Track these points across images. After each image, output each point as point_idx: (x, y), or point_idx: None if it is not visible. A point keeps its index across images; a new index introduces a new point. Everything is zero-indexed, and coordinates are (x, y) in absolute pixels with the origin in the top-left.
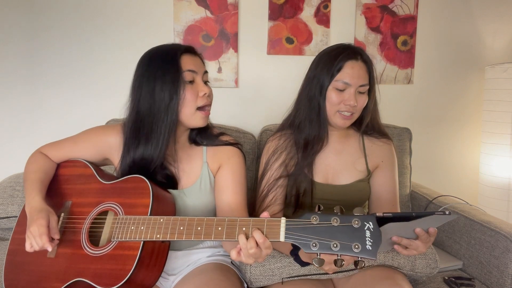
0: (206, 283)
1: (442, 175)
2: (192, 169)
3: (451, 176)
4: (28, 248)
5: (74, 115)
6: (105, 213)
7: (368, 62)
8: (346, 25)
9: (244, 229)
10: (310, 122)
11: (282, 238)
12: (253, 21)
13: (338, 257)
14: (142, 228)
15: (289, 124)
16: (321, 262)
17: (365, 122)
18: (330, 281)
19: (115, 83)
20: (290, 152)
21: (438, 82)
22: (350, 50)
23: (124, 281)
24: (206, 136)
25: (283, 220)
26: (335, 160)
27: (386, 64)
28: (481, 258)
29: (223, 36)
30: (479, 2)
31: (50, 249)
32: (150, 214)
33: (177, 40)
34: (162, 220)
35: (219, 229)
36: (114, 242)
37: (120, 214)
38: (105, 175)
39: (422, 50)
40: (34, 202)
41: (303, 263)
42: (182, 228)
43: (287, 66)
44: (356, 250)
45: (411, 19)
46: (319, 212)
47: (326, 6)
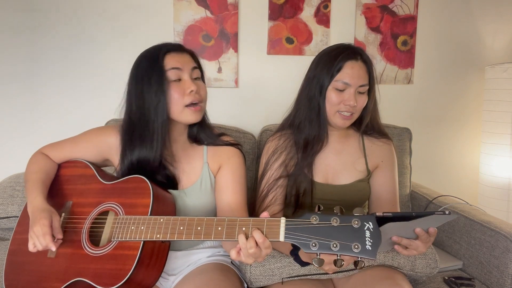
0: (206, 283)
1: (442, 175)
2: (192, 169)
3: (451, 176)
4: (31, 248)
5: (74, 115)
6: (105, 213)
7: (368, 62)
8: (346, 25)
9: (244, 229)
10: (310, 122)
11: (281, 238)
12: (253, 21)
13: (338, 257)
14: (142, 228)
15: (289, 124)
16: (320, 262)
17: (365, 122)
18: (330, 281)
19: (115, 83)
20: (290, 152)
21: (438, 82)
22: (350, 50)
23: (124, 281)
24: (207, 134)
25: (283, 220)
26: (335, 160)
27: (386, 64)
28: (481, 258)
29: (223, 36)
30: (479, 2)
31: (53, 248)
32: (150, 214)
33: (177, 40)
34: (162, 220)
35: (219, 229)
36: (114, 242)
37: (120, 214)
38: (105, 176)
39: (422, 50)
40: (36, 202)
41: (303, 263)
42: (182, 228)
43: (287, 66)
44: (355, 250)
45: (411, 19)
46: (319, 212)
47: (326, 6)
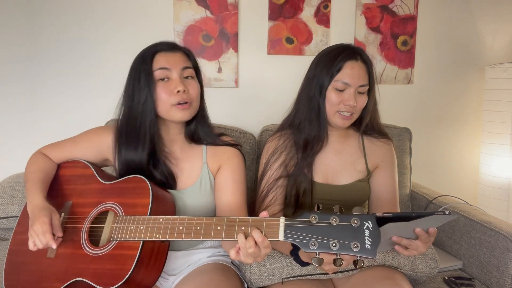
0: (206, 283)
1: (442, 175)
2: (191, 169)
3: (451, 176)
4: (31, 246)
5: (74, 115)
6: (105, 213)
7: (367, 62)
8: (346, 25)
9: (243, 228)
10: (310, 122)
11: (281, 238)
12: (253, 21)
13: (337, 256)
14: (142, 228)
15: (288, 124)
16: (320, 262)
17: (364, 122)
18: (330, 281)
19: (115, 83)
20: (290, 152)
21: (438, 82)
22: (350, 50)
23: (123, 281)
24: (206, 132)
25: (282, 219)
26: (335, 160)
27: (386, 64)
28: (481, 258)
29: (223, 36)
30: (479, 2)
31: (54, 246)
32: (150, 214)
33: (177, 40)
34: (161, 220)
35: (218, 228)
36: (114, 242)
37: (120, 214)
38: (105, 176)
39: (422, 50)
40: (36, 201)
41: (303, 263)
42: (181, 227)
43: (287, 66)
44: (355, 250)
45: (411, 19)
46: (318, 211)
47: (326, 6)
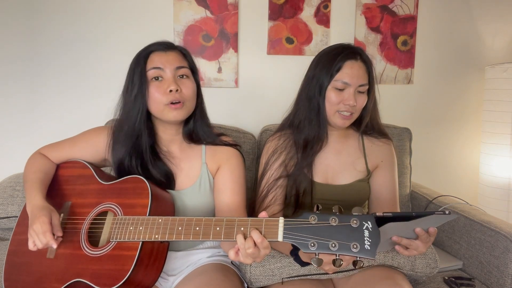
0: (206, 284)
1: (442, 175)
2: (191, 169)
3: (451, 176)
4: (31, 246)
5: (73, 115)
6: (104, 213)
7: (367, 62)
8: (346, 25)
9: (242, 229)
10: (310, 122)
11: (280, 238)
12: (253, 21)
13: (337, 257)
14: (141, 228)
15: (288, 124)
16: (319, 262)
17: (364, 122)
18: (330, 281)
19: (115, 83)
20: (290, 152)
21: (438, 82)
22: (350, 50)
23: (123, 281)
24: (205, 131)
25: (281, 220)
26: (335, 160)
27: (386, 64)
28: (481, 258)
29: (223, 36)
30: (479, 2)
31: (55, 246)
32: (149, 215)
33: (177, 40)
34: (160, 220)
35: (218, 229)
36: (113, 242)
37: (119, 215)
38: (104, 176)
39: (422, 50)
40: (35, 200)
41: (303, 263)
42: (180, 228)
43: (287, 66)
44: (354, 250)
45: (411, 19)
46: (318, 211)
47: (326, 6)
